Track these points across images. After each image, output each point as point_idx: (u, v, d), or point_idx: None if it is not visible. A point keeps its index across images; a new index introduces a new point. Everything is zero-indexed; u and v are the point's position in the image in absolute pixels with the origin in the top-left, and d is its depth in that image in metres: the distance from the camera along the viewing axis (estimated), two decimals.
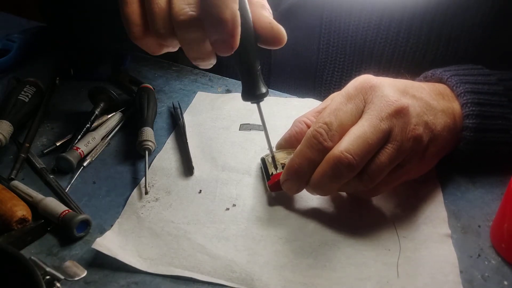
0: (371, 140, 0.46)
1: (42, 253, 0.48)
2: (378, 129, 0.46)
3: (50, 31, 0.81)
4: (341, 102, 0.49)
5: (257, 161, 0.58)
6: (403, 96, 0.48)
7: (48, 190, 0.55)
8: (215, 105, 0.68)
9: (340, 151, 0.46)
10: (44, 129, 0.65)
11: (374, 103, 0.48)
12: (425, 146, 0.49)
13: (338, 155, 0.46)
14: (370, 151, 0.46)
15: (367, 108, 0.48)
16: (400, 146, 0.47)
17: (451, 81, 0.54)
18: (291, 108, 0.67)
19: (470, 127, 0.52)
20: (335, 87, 0.72)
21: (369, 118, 0.47)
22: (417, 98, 0.50)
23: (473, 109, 0.52)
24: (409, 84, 0.51)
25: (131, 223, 0.50)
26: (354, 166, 0.46)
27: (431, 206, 0.52)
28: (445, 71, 0.56)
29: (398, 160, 0.48)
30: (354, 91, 0.49)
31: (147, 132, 0.60)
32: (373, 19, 0.66)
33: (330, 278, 0.45)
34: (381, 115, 0.47)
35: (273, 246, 0.48)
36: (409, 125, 0.47)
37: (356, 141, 0.46)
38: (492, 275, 0.45)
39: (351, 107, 0.48)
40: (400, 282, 0.44)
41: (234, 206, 0.52)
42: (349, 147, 0.46)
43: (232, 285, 0.45)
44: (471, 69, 0.56)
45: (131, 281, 0.45)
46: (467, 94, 0.53)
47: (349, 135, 0.47)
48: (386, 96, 0.48)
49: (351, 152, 0.45)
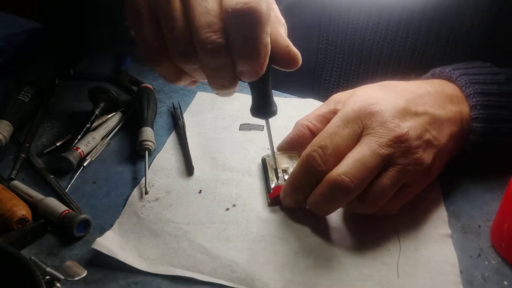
0: (370, 164, 0.46)
1: (42, 253, 0.48)
2: (377, 154, 0.46)
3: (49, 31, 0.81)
4: (338, 125, 0.48)
5: (258, 161, 0.58)
6: (403, 119, 0.48)
7: (48, 190, 0.55)
8: (215, 105, 0.68)
9: (338, 174, 0.45)
10: (44, 129, 0.65)
11: (373, 129, 0.47)
12: (429, 165, 0.48)
13: (335, 178, 0.45)
14: (369, 175, 0.46)
15: (365, 133, 0.47)
16: (402, 170, 0.46)
17: (460, 81, 0.53)
18: (291, 108, 0.67)
19: (477, 130, 0.52)
20: (333, 87, 0.72)
21: (368, 143, 0.47)
22: (420, 113, 0.49)
23: (482, 112, 0.51)
24: (413, 96, 0.50)
25: (131, 223, 0.50)
26: (352, 189, 0.45)
27: (431, 206, 0.52)
28: (454, 69, 0.55)
29: (401, 182, 0.47)
30: (352, 114, 0.48)
31: (147, 132, 0.60)
32: (372, 19, 0.66)
33: (330, 278, 0.45)
34: (380, 141, 0.46)
35: (273, 246, 0.48)
36: (410, 149, 0.47)
37: (354, 164, 0.45)
38: (492, 275, 0.45)
39: (348, 132, 0.48)
40: (400, 282, 0.44)
41: (234, 206, 0.52)
42: (347, 170, 0.45)
43: (232, 285, 0.45)
44: (480, 67, 0.55)
45: (131, 281, 0.45)
46: (476, 95, 0.52)
47: (347, 158, 0.46)
48: (385, 122, 0.47)
49: (349, 175, 0.45)
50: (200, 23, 0.40)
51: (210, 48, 0.40)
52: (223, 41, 0.40)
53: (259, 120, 0.50)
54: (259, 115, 0.49)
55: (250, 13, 0.39)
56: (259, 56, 0.41)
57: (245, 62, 0.41)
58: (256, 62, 0.41)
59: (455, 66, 0.56)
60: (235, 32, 0.40)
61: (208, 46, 0.40)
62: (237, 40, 0.40)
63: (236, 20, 0.39)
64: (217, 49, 0.40)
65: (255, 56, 0.41)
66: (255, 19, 0.39)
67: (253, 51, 0.40)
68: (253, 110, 0.49)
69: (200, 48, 0.40)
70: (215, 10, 0.40)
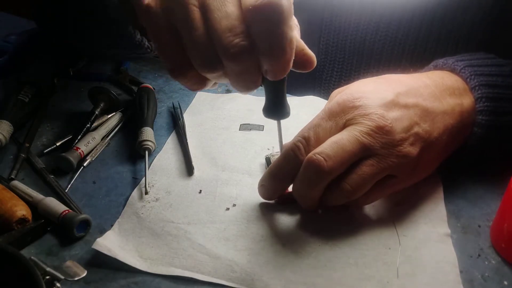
0: (347, 147, 0.46)
1: (42, 253, 0.48)
2: (356, 140, 0.46)
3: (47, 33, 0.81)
4: (322, 117, 0.49)
5: (258, 161, 0.58)
6: (389, 110, 0.47)
7: (48, 190, 0.55)
8: (215, 105, 0.68)
9: (314, 153, 0.46)
10: (44, 129, 0.65)
11: (356, 120, 0.47)
12: (415, 158, 0.48)
13: (309, 157, 0.46)
14: (345, 158, 0.46)
15: (348, 124, 0.48)
16: (382, 161, 0.46)
17: (464, 72, 0.53)
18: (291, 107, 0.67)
19: (482, 123, 0.51)
20: (334, 86, 0.72)
21: (349, 129, 0.47)
22: (410, 106, 0.49)
23: (488, 104, 0.51)
24: (405, 89, 0.50)
25: (131, 223, 0.50)
26: (325, 168, 0.45)
27: (431, 206, 0.52)
28: (457, 60, 0.54)
29: (383, 173, 0.47)
30: (336, 108, 0.49)
31: (147, 132, 0.60)
32: (373, 19, 0.66)
33: (330, 278, 0.45)
34: (361, 129, 0.46)
35: (273, 246, 0.48)
36: (393, 142, 0.47)
37: (330, 145, 0.46)
38: (492, 275, 0.45)
39: (331, 124, 0.48)
40: (400, 282, 0.44)
41: (234, 206, 0.52)
42: (323, 150, 0.46)
43: (233, 285, 0.45)
44: (485, 58, 0.55)
45: (131, 281, 0.45)
46: (481, 87, 0.51)
47: (326, 141, 0.47)
48: (369, 113, 0.47)
49: (323, 155, 0.45)
50: (221, 28, 0.39)
51: (234, 52, 0.39)
52: (247, 43, 0.39)
53: (259, 120, 0.50)
54: (274, 116, 0.48)
55: (272, 7, 0.38)
56: (285, 52, 0.40)
57: (271, 60, 0.40)
58: (283, 59, 0.40)
59: (458, 57, 0.55)
60: (259, 29, 0.39)
61: (231, 51, 0.39)
62: (262, 37, 0.39)
63: (258, 17, 0.38)
64: (241, 53, 0.39)
65: (281, 52, 0.40)
66: (277, 13, 0.38)
67: (279, 47, 0.39)
68: (267, 110, 0.48)
69: (223, 53, 0.40)
70: (235, 12, 0.39)
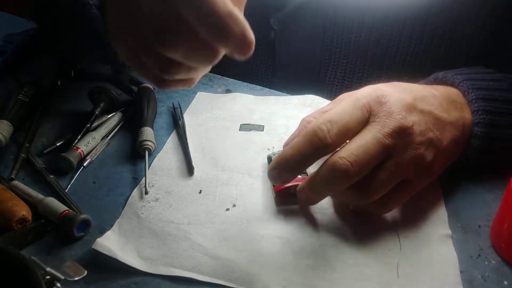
0: (371, 151, 0.45)
1: (42, 253, 0.48)
2: (379, 142, 0.46)
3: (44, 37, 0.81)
4: (348, 105, 0.48)
5: (258, 161, 0.58)
6: (410, 113, 0.48)
7: (48, 190, 0.55)
8: (215, 105, 0.68)
9: (340, 157, 0.45)
10: (44, 129, 0.65)
11: (379, 117, 0.47)
12: (430, 163, 0.48)
13: (335, 160, 0.45)
14: (369, 162, 0.46)
15: (371, 120, 0.47)
16: (401, 163, 0.46)
17: (463, 86, 0.54)
18: (291, 107, 0.67)
19: (478, 135, 0.52)
20: (337, 87, 0.72)
21: (372, 130, 0.47)
22: (425, 112, 0.49)
23: (484, 117, 0.52)
24: (420, 95, 0.50)
25: (131, 223, 0.50)
26: (351, 173, 0.45)
27: (431, 206, 0.52)
28: (457, 74, 0.55)
29: (400, 177, 0.47)
30: (363, 99, 0.48)
31: (147, 132, 0.60)
32: (377, 20, 0.66)
33: (330, 278, 0.45)
34: (384, 130, 0.46)
35: (273, 246, 0.48)
36: (412, 143, 0.47)
37: (356, 149, 0.46)
38: (492, 275, 0.45)
39: (357, 113, 0.47)
40: (400, 282, 0.44)
41: (234, 207, 0.52)
42: (349, 154, 0.45)
43: (232, 285, 0.44)
44: (483, 73, 0.55)
45: (131, 281, 0.45)
46: (478, 101, 0.52)
47: (350, 143, 0.47)
48: (392, 112, 0.47)
49: (350, 160, 0.45)
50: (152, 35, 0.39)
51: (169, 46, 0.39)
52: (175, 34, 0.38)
53: (259, 120, 0.50)
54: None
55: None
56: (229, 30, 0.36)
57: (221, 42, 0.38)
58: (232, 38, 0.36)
59: (458, 71, 0.56)
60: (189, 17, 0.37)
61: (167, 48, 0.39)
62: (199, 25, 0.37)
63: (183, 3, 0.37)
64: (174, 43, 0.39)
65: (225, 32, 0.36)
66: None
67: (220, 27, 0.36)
68: None
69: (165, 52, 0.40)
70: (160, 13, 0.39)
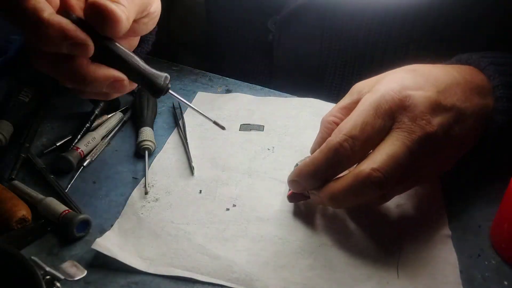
0: (403, 161, 0.44)
1: (42, 253, 0.48)
2: (409, 152, 0.44)
3: None
4: (369, 114, 0.45)
5: (258, 161, 0.58)
6: (434, 114, 0.46)
7: (48, 190, 0.55)
8: (215, 105, 0.68)
9: (372, 168, 0.43)
10: (44, 129, 0.65)
11: (404, 123, 0.45)
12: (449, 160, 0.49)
13: (368, 173, 0.43)
14: (401, 173, 0.44)
15: (396, 127, 0.45)
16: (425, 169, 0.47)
17: (488, 70, 0.52)
18: (291, 108, 0.67)
19: (499, 122, 0.50)
20: (336, 88, 0.72)
21: (401, 139, 0.44)
22: (449, 108, 0.47)
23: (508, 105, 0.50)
24: (443, 86, 0.48)
25: (131, 223, 0.50)
26: (384, 185, 0.43)
27: (431, 206, 0.52)
28: (482, 57, 0.53)
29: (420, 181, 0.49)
30: (385, 104, 0.46)
31: (147, 132, 0.60)
32: (375, 22, 0.66)
33: (330, 278, 0.45)
34: (411, 137, 0.44)
35: (273, 246, 0.48)
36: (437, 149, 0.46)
37: (388, 160, 0.44)
38: (492, 275, 0.45)
39: (380, 123, 0.45)
40: (400, 282, 0.44)
41: (234, 207, 0.52)
42: (381, 165, 0.43)
43: (232, 285, 0.45)
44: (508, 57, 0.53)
45: (131, 281, 0.45)
46: (502, 87, 0.50)
47: (379, 153, 0.44)
48: (417, 117, 0.45)
49: (382, 171, 0.43)
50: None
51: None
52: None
53: (259, 120, 0.50)
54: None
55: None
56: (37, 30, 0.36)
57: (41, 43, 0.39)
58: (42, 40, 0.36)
59: (482, 54, 0.54)
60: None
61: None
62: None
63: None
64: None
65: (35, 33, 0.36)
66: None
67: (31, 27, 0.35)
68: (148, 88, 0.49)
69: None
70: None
